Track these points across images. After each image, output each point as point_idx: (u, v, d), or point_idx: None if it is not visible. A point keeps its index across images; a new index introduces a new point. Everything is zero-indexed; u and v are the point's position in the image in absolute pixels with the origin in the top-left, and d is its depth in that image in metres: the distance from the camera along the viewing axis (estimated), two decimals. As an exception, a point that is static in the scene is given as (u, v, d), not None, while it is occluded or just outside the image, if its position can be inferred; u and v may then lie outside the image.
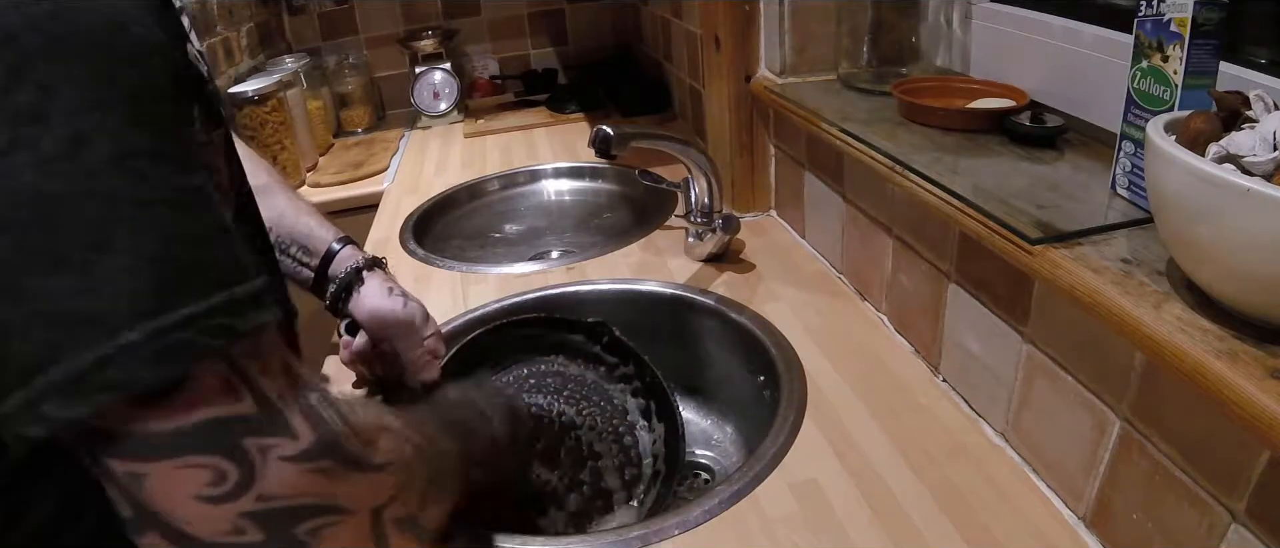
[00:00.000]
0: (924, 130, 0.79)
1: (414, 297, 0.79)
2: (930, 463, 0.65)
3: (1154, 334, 0.45)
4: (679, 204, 1.01)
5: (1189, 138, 0.45)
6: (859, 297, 0.90)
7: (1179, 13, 0.51)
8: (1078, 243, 0.55)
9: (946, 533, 0.58)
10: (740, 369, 0.87)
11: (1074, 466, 0.58)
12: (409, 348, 0.78)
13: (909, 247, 0.77)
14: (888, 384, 0.75)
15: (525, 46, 1.90)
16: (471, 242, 1.30)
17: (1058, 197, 0.61)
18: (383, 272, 0.81)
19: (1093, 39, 0.72)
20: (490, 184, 1.41)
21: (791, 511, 0.61)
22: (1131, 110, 0.57)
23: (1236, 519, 0.45)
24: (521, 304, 0.96)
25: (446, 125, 1.74)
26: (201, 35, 1.37)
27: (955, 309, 0.71)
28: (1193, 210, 0.43)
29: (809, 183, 0.99)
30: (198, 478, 0.32)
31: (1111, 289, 0.49)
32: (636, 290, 0.96)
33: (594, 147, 0.83)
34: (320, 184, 1.46)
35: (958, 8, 0.91)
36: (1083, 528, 0.58)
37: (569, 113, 1.70)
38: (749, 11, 1.01)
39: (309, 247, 0.79)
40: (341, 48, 1.79)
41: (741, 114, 1.06)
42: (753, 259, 1.00)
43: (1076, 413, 0.57)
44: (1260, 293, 0.42)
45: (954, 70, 0.94)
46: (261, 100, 1.37)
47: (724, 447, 0.90)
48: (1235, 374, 0.41)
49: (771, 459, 0.66)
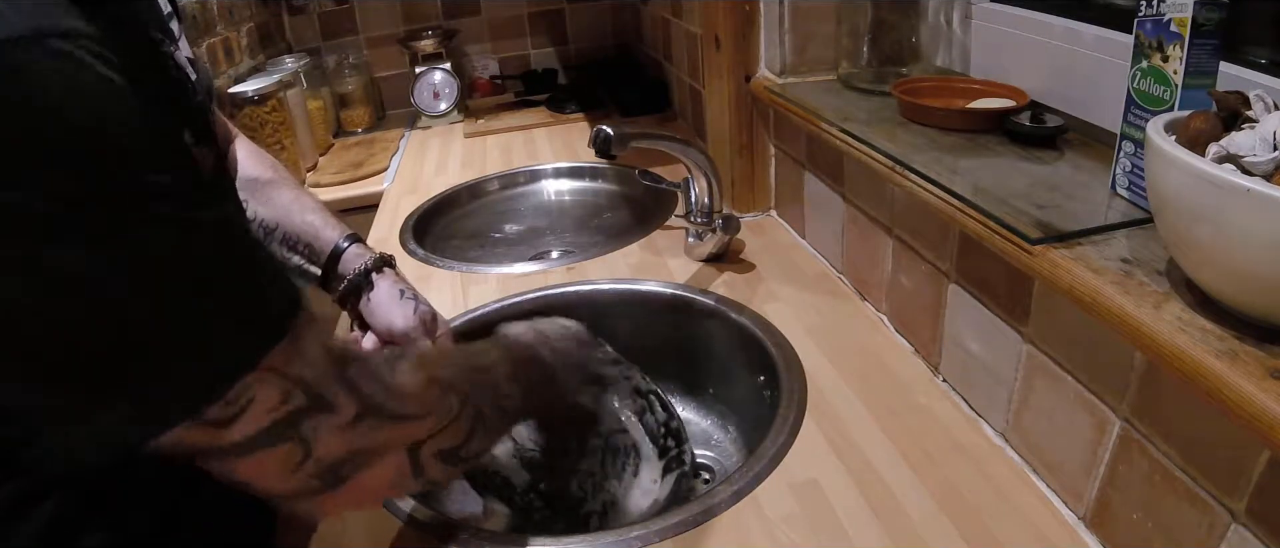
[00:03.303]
0: (924, 130, 0.79)
1: (424, 298, 0.79)
2: (930, 463, 0.65)
3: (1154, 334, 0.45)
4: (679, 204, 1.01)
5: (1189, 138, 0.45)
6: (859, 297, 0.90)
7: (1179, 13, 0.51)
8: (1078, 243, 0.55)
9: (946, 533, 0.58)
10: (740, 369, 0.87)
11: (1074, 466, 0.58)
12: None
13: (909, 247, 0.77)
14: (888, 384, 0.75)
15: (525, 46, 1.90)
16: (471, 242, 1.30)
17: (1058, 197, 0.61)
18: (392, 272, 0.80)
19: (1093, 39, 0.72)
20: (490, 184, 1.41)
21: (791, 511, 0.61)
22: (1131, 110, 0.57)
23: (1236, 519, 0.45)
24: (521, 305, 0.96)
25: (446, 125, 1.74)
26: (201, 35, 1.37)
27: (955, 309, 0.71)
28: (1193, 210, 0.43)
29: (809, 183, 0.99)
30: (271, 461, 0.39)
31: (1111, 289, 0.49)
32: (636, 290, 0.96)
33: (594, 147, 0.83)
34: (320, 184, 1.46)
35: (958, 8, 0.91)
36: (1083, 528, 0.58)
37: (569, 113, 1.70)
38: (749, 11, 1.01)
39: (315, 245, 0.77)
40: (341, 48, 1.79)
41: (741, 114, 1.06)
42: (753, 259, 1.00)
43: (1076, 413, 0.57)
44: (1260, 293, 0.42)
45: (954, 70, 0.94)
46: (261, 100, 1.37)
47: (724, 447, 0.90)
48: (1235, 374, 0.41)
49: (771, 459, 0.66)
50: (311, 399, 0.40)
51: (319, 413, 0.40)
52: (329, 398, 0.41)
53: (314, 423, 0.40)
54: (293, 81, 1.50)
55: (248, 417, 0.37)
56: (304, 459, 0.40)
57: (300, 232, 0.78)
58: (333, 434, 0.41)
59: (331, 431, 0.41)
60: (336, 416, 0.41)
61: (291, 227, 0.78)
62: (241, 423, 0.37)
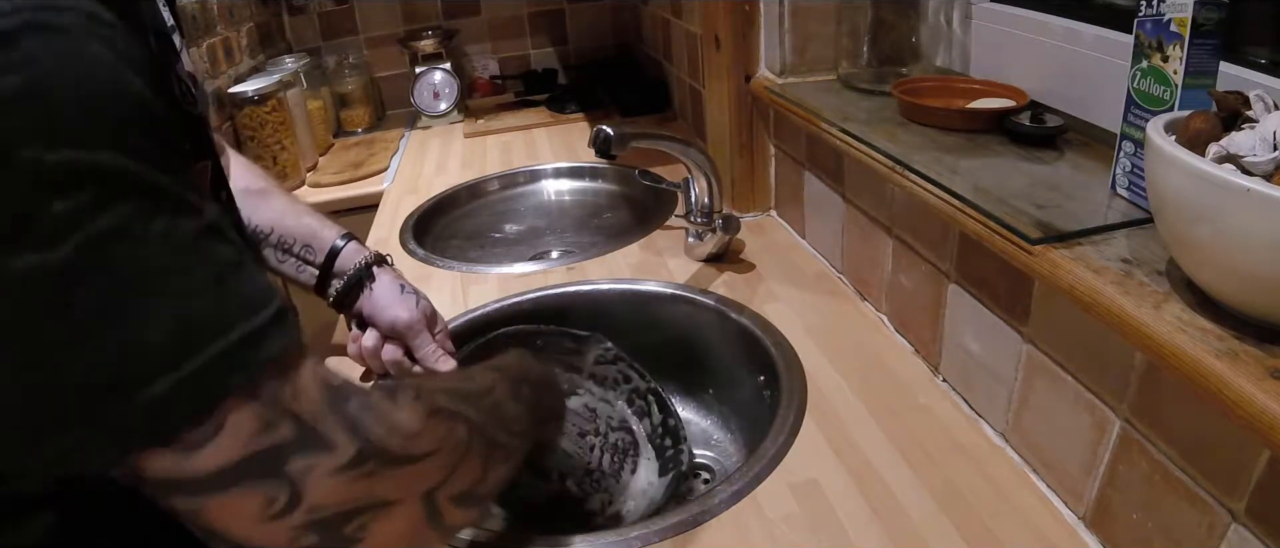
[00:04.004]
0: (924, 130, 0.79)
1: (424, 294, 0.79)
2: (930, 463, 0.65)
3: (1154, 334, 0.45)
4: (679, 204, 1.01)
5: (1189, 138, 0.45)
6: (859, 297, 0.90)
7: (1179, 13, 0.51)
8: (1078, 243, 0.55)
9: (946, 533, 0.58)
10: (740, 369, 0.87)
11: (1074, 466, 0.58)
12: (422, 345, 0.78)
13: (909, 247, 0.77)
14: (888, 384, 0.75)
15: (525, 46, 1.90)
16: (471, 242, 1.30)
17: (1058, 197, 0.61)
18: (391, 268, 0.81)
19: (1093, 39, 0.72)
20: (490, 184, 1.40)
21: (791, 511, 0.61)
22: (1131, 110, 0.57)
23: (1236, 519, 0.45)
24: (521, 305, 0.96)
25: (446, 125, 1.74)
26: (201, 35, 1.37)
27: (955, 309, 0.71)
28: (1193, 210, 0.43)
29: (809, 183, 0.99)
30: (250, 505, 0.34)
31: (1111, 289, 0.49)
32: (636, 290, 0.96)
33: (594, 147, 0.83)
34: (320, 184, 1.46)
35: (958, 8, 0.91)
36: (1083, 528, 0.58)
37: (569, 113, 1.70)
38: (749, 11, 1.01)
39: (312, 245, 0.79)
40: (341, 48, 1.79)
41: (741, 114, 1.06)
42: (753, 259, 1.00)
43: (1076, 413, 0.57)
44: (1260, 293, 0.42)
45: (954, 70, 0.93)
46: (261, 100, 1.37)
47: (724, 447, 0.90)
48: (1235, 374, 0.41)
49: (771, 459, 0.66)
50: (302, 434, 0.35)
51: (312, 451, 0.35)
52: (324, 434, 0.36)
53: (305, 463, 0.35)
54: (293, 82, 1.50)
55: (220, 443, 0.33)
56: (291, 505, 0.35)
57: (297, 233, 0.79)
58: (329, 478, 0.36)
59: (327, 473, 0.36)
60: (333, 455, 0.36)
61: (287, 229, 0.78)
62: (211, 450, 0.33)
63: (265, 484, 0.34)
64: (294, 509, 0.35)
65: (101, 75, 0.31)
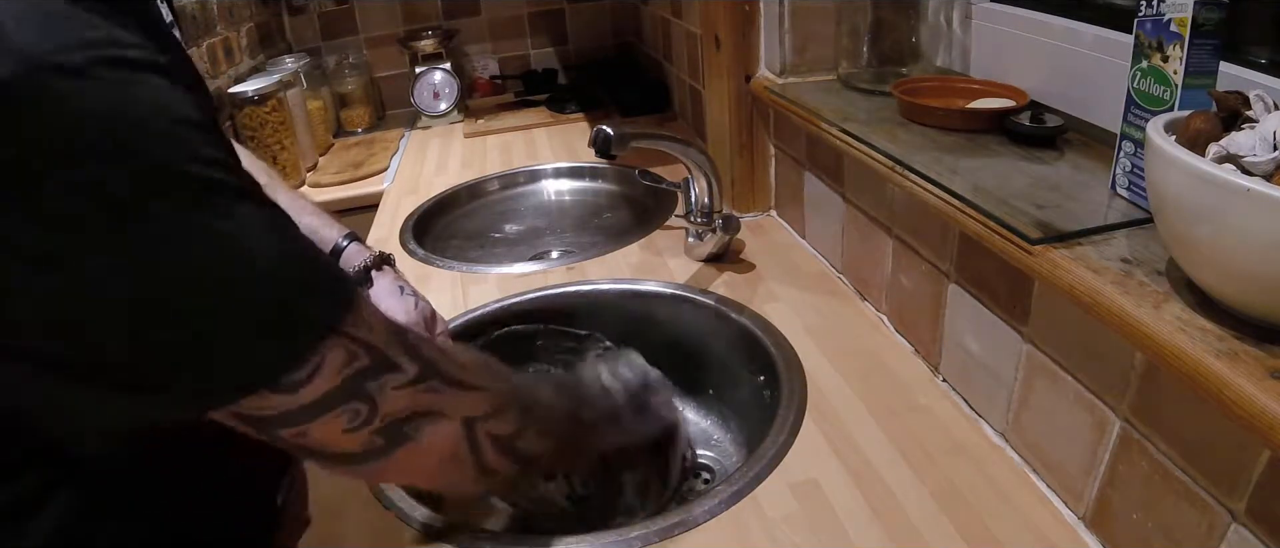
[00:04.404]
0: (924, 130, 0.79)
1: (423, 296, 0.79)
2: (930, 463, 0.65)
3: (1154, 334, 0.45)
4: (679, 204, 1.01)
5: (1189, 138, 0.45)
6: (859, 297, 0.90)
7: (1179, 13, 0.51)
8: (1078, 243, 0.55)
9: (946, 533, 0.58)
10: (740, 369, 0.87)
11: (1074, 466, 0.58)
12: None
13: (909, 247, 0.77)
14: (888, 384, 0.75)
15: (525, 46, 1.90)
16: (471, 242, 1.30)
17: (1058, 197, 0.61)
18: (392, 269, 0.80)
19: (1093, 39, 0.72)
20: (490, 184, 1.41)
21: (791, 511, 0.61)
22: (1131, 110, 0.57)
23: (1236, 519, 0.45)
24: (521, 305, 0.96)
25: (446, 125, 1.74)
26: (201, 35, 1.37)
27: (955, 309, 0.71)
28: (1193, 210, 0.43)
29: (809, 183, 0.99)
30: (341, 420, 0.41)
31: (1111, 289, 0.49)
32: (636, 290, 0.96)
33: (594, 147, 0.83)
34: (320, 184, 1.46)
35: (958, 8, 0.91)
36: (1083, 528, 0.58)
37: (569, 113, 1.70)
38: (749, 11, 1.01)
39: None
40: (341, 48, 1.79)
41: (741, 114, 1.06)
42: (753, 259, 1.00)
43: (1076, 413, 0.57)
44: (1260, 293, 0.42)
45: (954, 70, 0.93)
46: (261, 100, 1.37)
47: (724, 447, 0.90)
48: (1235, 374, 0.41)
49: (771, 459, 0.66)
50: (376, 360, 0.42)
51: (384, 372, 0.42)
52: (392, 358, 0.43)
53: (380, 382, 0.42)
54: (293, 82, 1.50)
55: (320, 378, 0.39)
56: (371, 415, 0.42)
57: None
58: (397, 391, 0.43)
59: (396, 388, 0.43)
60: (400, 374, 0.43)
61: None
62: (314, 385, 0.39)
63: (352, 404, 0.41)
64: (373, 419, 0.42)
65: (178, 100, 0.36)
